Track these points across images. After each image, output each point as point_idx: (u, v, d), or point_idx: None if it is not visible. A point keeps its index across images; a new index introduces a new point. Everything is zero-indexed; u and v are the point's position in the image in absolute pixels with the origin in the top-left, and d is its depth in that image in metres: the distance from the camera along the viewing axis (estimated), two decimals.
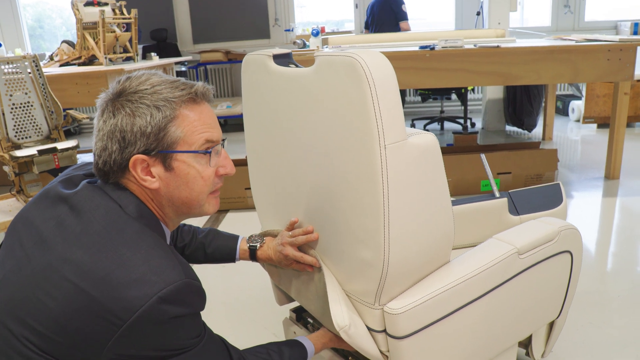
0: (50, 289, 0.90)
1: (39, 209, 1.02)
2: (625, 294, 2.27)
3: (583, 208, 3.35)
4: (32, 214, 1.02)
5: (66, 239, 0.94)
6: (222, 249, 1.43)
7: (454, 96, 5.92)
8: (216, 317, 2.29)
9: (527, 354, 1.69)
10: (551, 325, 1.62)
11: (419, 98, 6.47)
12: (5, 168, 3.50)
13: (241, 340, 1.48)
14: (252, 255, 1.43)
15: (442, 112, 6.20)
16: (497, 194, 1.69)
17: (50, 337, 0.89)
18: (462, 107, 5.53)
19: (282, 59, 1.28)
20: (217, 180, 1.08)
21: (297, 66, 1.26)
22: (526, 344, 1.68)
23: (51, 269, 0.91)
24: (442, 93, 5.64)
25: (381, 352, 1.22)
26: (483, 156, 1.87)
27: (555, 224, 1.41)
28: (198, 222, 3.48)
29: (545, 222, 1.42)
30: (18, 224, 1.03)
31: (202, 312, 1.01)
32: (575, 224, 1.43)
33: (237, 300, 2.42)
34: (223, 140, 1.08)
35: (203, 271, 2.70)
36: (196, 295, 0.97)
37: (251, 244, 1.42)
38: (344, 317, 1.18)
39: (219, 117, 6.19)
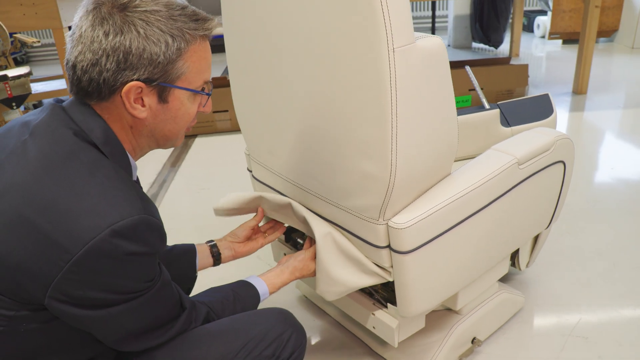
0: None
1: (4, 135, 0.93)
2: (587, 207, 2.32)
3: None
4: None
5: (18, 163, 0.85)
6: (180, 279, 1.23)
7: None
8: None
9: (513, 264, 1.71)
10: (536, 236, 1.63)
11: None
12: None
13: (229, 265, 1.45)
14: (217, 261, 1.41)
15: None
16: (487, 106, 1.64)
17: None
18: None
19: None
20: (195, 117, 1.03)
21: None
22: (512, 255, 1.70)
23: None
24: None
25: (383, 268, 1.20)
26: (468, 68, 1.81)
27: (550, 134, 1.38)
28: (165, 151, 3.36)
29: (540, 132, 1.38)
30: None
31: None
32: None
33: (220, 225, 2.37)
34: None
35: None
36: (154, 233, 0.87)
37: (215, 262, 1.40)
38: (329, 294, 1.25)
39: None
